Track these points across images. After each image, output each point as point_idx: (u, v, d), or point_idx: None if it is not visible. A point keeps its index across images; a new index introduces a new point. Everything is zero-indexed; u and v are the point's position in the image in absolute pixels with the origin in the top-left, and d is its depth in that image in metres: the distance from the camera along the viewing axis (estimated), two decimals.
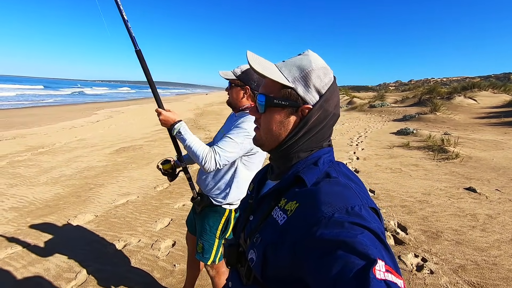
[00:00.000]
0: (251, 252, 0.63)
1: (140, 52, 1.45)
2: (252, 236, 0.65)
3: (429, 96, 16.61)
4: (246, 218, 0.73)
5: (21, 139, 7.72)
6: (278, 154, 0.69)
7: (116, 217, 3.31)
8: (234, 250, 0.71)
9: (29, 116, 12.96)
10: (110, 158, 6.02)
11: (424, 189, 3.97)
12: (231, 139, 1.38)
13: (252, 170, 1.54)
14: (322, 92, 0.64)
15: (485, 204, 3.42)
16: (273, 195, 0.66)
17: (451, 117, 11.53)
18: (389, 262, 0.44)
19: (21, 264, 2.42)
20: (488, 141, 7.10)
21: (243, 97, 1.52)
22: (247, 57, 0.64)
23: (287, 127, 0.65)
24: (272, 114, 0.66)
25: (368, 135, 8.91)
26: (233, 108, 1.58)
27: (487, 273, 2.19)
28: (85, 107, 18.64)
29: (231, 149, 1.37)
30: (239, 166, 1.49)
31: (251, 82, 1.50)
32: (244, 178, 1.52)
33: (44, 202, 3.75)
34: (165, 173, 1.62)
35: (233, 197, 1.51)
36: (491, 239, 2.65)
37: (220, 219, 1.54)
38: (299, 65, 0.64)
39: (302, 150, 0.66)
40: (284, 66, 0.65)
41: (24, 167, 5.24)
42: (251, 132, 1.39)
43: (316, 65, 0.64)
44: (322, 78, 0.64)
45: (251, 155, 1.49)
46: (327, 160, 0.65)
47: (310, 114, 0.63)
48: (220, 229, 1.55)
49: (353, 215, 0.50)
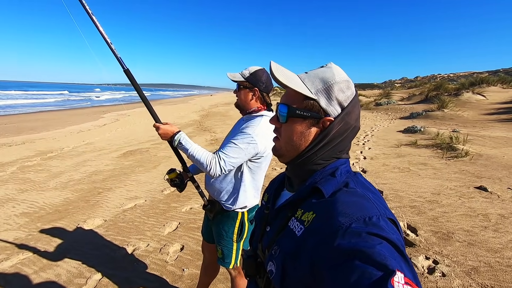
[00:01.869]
0: (270, 264, 0.63)
1: (128, 71, 1.47)
2: (270, 247, 0.65)
3: (436, 92, 16.38)
4: (263, 229, 0.73)
5: (30, 144, 7.85)
6: (295, 165, 0.69)
7: (125, 222, 3.34)
8: (252, 261, 0.71)
9: (38, 121, 13.17)
10: (117, 161, 6.08)
11: (434, 189, 3.91)
12: (235, 145, 1.39)
13: (258, 174, 1.54)
14: (344, 105, 0.64)
15: (497, 204, 3.35)
16: (290, 206, 0.66)
17: (459, 114, 11.35)
18: (409, 274, 0.43)
19: (33, 270, 2.45)
20: (498, 138, 6.97)
21: (251, 99, 1.52)
22: (271, 67, 0.65)
23: (307, 138, 0.65)
24: (293, 124, 0.66)
25: (375, 133, 8.82)
26: (241, 110, 1.58)
27: (501, 275, 2.14)
28: (92, 111, 18.86)
29: (235, 154, 1.38)
30: (245, 170, 1.49)
31: (260, 84, 1.49)
32: (250, 182, 1.52)
33: (54, 207, 3.80)
34: (173, 183, 1.63)
35: (242, 201, 1.51)
36: (504, 239, 2.59)
37: (235, 223, 1.55)
38: (322, 77, 0.64)
39: (320, 161, 0.66)
40: (307, 78, 0.66)
41: (34, 172, 5.32)
42: (255, 137, 1.39)
43: (339, 78, 0.64)
44: (344, 91, 0.64)
45: (256, 159, 1.48)
46: (345, 171, 0.65)
47: (331, 127, 0.63)
48: (236, 233, 1.55)
49: (371, 225, 0.49)
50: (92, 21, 1.39)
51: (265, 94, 1.53)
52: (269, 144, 1.45)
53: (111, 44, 1.43)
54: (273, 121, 0.71)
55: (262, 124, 1.45)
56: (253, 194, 1.56)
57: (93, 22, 1.39)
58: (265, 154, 1.49)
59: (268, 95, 1.55)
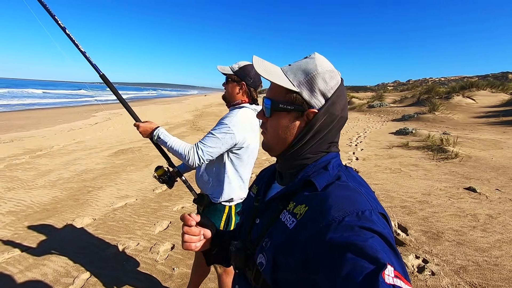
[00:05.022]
0: (260, 256, 0.63)
1: (104, 76, 1.62)
2: (261, 240, 0.65)
3: (427, 95, 16.64)
4: (252, 221, 0.72)
5: (19, 142, 7.68)
6: (285, 159, 0.68)
7: (115, 220, 3.29)
8: (242, 253, 0.71)
9: (27, 118, 12.91)
10: (108, 160, 5.99)
11: (424, 189, 3.96)
12: (212, 135, 1.42)
13: (242, 166, 1.56)
14: (328, 95, 0.63)
15: (486, 204, 3.41)
16: (281, 198, 0.66)
17: (449, 117, 11.54)
18: (398, 267, 0.44)
19: (18, 269, 2.39)
20: (487, 141, 7.11)
21: (238, 92, 1.55)
22: (253, 62, 0.65)
23: (292, 131, 0.65)
24: (278, 118, 0.66)
25: (367, 135, 8.91)
26: (227, 102, 1.62)
27: (489, 274, 2.17)
28: (83, 109, 18.58)
29: (212, 144, 1.41)
30: (227, 162, 1.52)
31: (248, 78, 1.53)
32: (234, 174, 1.55)
33: (42, 205, 3.72)
34: (161, 180, 1.66)
35: (227, 193, 1.54)
36: (492, 239, 2.64)
37: (221, 216, 1.58)
38: (305, 69, 0.63)
39: (310, 154, 0.65)
40: (290, 70, 0.65)
41: (21, 170, 5.20)
42: (232, 127, 1.42)
43: (322, 69, 0.63)
44: (328, 82, 0.63)
45: (237, 150, 1.50)
46: (336, 164, 0.65)
47: (315, 118, 0.63)
48: (223, 226, 1.59)
49: (364, 219, 0.50)
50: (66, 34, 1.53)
51: (252, 89, 1.57)
52: (249, 135, 1.49)
53: (85, 53, 1.56)
54: (260, 115, 0.72)
55: (240, 115, 1.47)
56: (239, 187, 1.58)
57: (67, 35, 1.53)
58: (245, 145, 1.51)
59: (255, 90, 1.58)
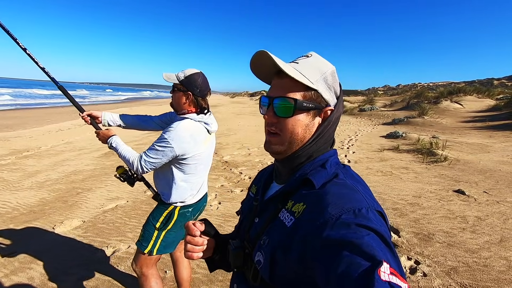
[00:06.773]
0: (258, 254, 0.62)
1: (62, 87, 1.86)
2: (259, 238, 0.65)
3: (417, 100, 16.98)
4: (251, 220, 0.72)
5: (5, 142, 7.46)
6: (291, 158, 0.66)
7: (105, 223, 3.21)
8: (240, 252, 0.70)
9: (14, 118, 12.59)
10: (98, 161, 5.88)
11: (415, 192, 4.02)
12: (154, 148, 1.48)
13: (190, 172, 1.59)
14: (338, 93, 0.65)
15: (474, 206, 3.48)
16: (280, 197, 0.65)
17: (438, 121, 11.79)
18: (394, 265, 0.44)
19: (3, 273, 2.30)
20: (474, 145, 7.28)
21: (185, 102, 1.55)
22: (272, 57, 0.59)
23: (311, 130, 0.64)
24: (299, 117, 0.62)
25: (359, 138, 9.00)
26: (174, 110, 1.66)
27: (479, 274, 2.21)
28: (73, 110, 18.20)
29: (154, 155, 1.48)
30: (173, 168, 1.55)
31: (194, 88, 1.52)
32: (182, 179, 1.58)
33: (29, 207, 3.61)
34: (122, 179, 1.69)
35: (175, 197, 1.58)
36: (481, 240, 2.69)
37: (163, 212, 1.61)
38: (317, 67, 0.63)
39: (312, 152, 0.65)
40: (303, 68, 0.62)
41: (7, 171, 5.05)
42: (171, 141, 1.44)
43: (330, 66, 0.64)
44: (336, 79, 0.65)
45: (180, 160, 1.53)
46: (334, 162, 0.65)
47: (331, 116, 0.63)
48: (161, 221, 1.61)
49: (360, 217, 0.50)
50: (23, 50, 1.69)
51: (200, 98, 1.56)
52: (189, 146, 1.50)
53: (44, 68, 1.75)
54: (270, 117, 0.64)
55: (180, 128, 1.47)
56: (189, 192, 1.61)
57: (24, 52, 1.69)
58: (189, 155, 1.52)
59: (204, 98, 1.58)
